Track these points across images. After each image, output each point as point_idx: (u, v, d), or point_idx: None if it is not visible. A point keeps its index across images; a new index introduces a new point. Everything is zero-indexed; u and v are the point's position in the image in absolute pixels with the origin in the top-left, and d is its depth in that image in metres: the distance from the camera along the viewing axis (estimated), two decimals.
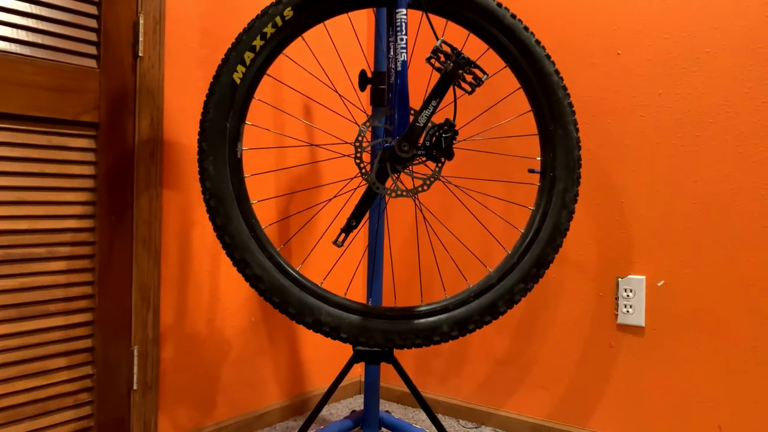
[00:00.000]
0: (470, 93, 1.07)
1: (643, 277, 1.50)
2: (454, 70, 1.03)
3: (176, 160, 1.44)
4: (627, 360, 1.52)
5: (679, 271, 1.45)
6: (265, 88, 1.61)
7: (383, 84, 1.43)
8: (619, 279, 1.53)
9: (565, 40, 1.61)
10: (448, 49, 1.02)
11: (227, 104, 1.09)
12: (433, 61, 1.06)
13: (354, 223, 1.15)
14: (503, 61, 1.22)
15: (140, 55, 1.35)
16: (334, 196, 1.14)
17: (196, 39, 1.47)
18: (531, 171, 1.22)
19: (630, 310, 1.51)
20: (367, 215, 1.38)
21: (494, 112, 1.63)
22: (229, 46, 1.10)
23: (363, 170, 1.11)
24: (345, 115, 1.67)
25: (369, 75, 1.45)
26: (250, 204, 1.11)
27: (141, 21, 1.35)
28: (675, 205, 1.46)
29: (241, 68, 1.09)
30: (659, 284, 1.48)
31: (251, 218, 1.10)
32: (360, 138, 1.12)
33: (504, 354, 1.72)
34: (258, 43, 1.10)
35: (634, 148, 1.52)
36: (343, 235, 1.13)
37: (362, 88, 1.44)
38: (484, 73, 1.02)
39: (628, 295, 1.51)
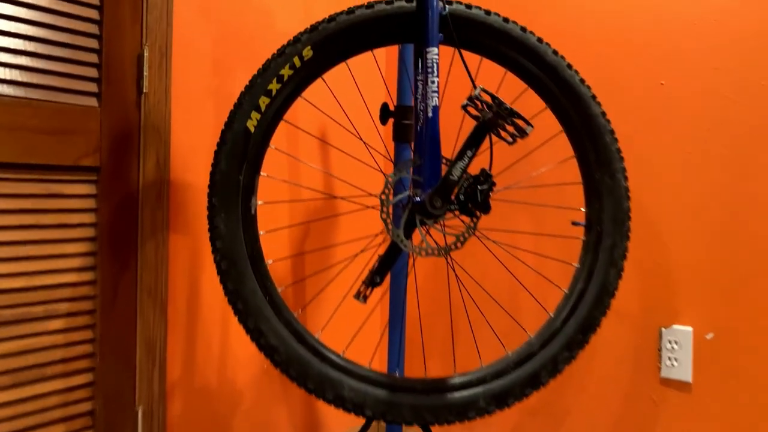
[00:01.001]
0: (511, 144, 0.97)
1: (690, 329, 1.38)
2: (493, 120, 0.92)
3: (184, 201, 1.35)
4: (671, 417, 1.41)
5: (732, 323, 1.33)
6: (278, 132, 1.51)
7: (407, 119, 1.33)
8: (663, 329, 1.42)
9: (601, 66, 1.50)
10: (487, 98, 0.91)
11: (240, 154, 0.99)
12: (469, 108, 0.95)
13: (378, 280, 1.05)
14: (544, 101, 1.11)
15: (145, 90, 1.26)
16: (356, 255, 1.04)
17: (206, 69, 1.37)
18: (575, 224, 1.11)
19: (675, 363, 1.39)
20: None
21: (532, 158, 1.51)
22: (242, 89, 1.00)
23: (389, 225, 1.01)
24: (368, 162, 1.57)
25: (391, 108, 1.35)
26: (266, 264, 1.01)
27: (146, 54, 1.25)
28: (726, 249, 1.34)
29: (255, 115, 0.99)
30: (708, 337, 1.36)
31: (266, 281, 1.00)
32: (386, 191, 1.01)
33: (535, 403, 1.61)
34: (274, 86, 1.00)
35: (679, 186, 1.41)
36: (369, 289, 1.03)
37: (383, 121, 1.34)
38: (528, 124, 0.92)
39: (672, 347, 1.40)
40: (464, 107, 0.95)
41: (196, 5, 1.35)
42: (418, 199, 1.00)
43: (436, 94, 1.01)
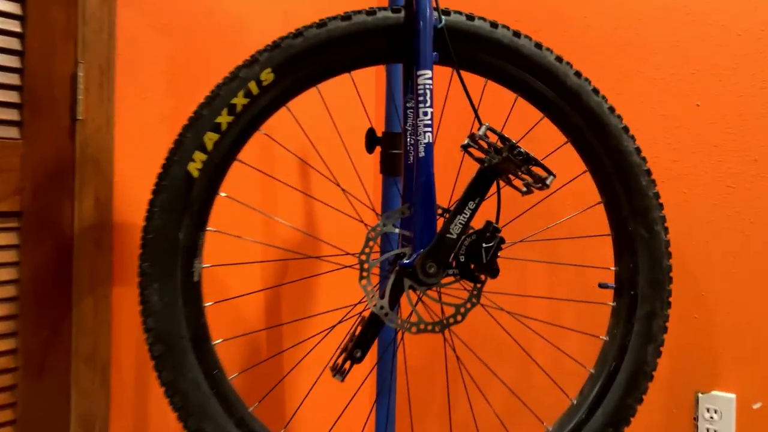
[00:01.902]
0: (524, 194, 0.76)
1: (733, 396, 1.18)
2: (501, 167, 0.72)
3: (131, 247, 1.14)
4: None
5: None
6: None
7: (396, 148, 1.12)
8: (700, 395, 1.21)
9: (623, 82, 1.29)
10: (495, 139, 0.71)
11: (180, 206, 0.78)
12: (472, 150, 0.75)
13: (358, 355, 0.85)
14: (563, 133, 0.90)
15: (80, 117, 1.05)
16: (328, 331, 0.84)
17: (159, 90, 1.17)
18: (602, 286, 0.90)
19: None
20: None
21: (549, 204, 1.30)
22: (185, 123, 0.79)
23: (369, 293, 0.81)
24: (348, 210, 1.35)
25: (379, 134, 1.15)
26: (212, 346, 0.80)
27: (81, 73, 1.05)
28: None
29: (199, 155, 0.79)
30: (755, 407, 1.15)
31: (213, 368, 0.79)
32: (367, 250, 0.81)
33: None
34: (224, 119, 0.79)
35: (719, 227, 1.20)
36: (348, 363, 0.83)
37: (370, 149, 1.14)
38: (549, 173, 0.71)
39: (711, 417, 1.19)
40: (465, 148, 0.74)
41: (147, 13, 1.14)
42: (406, 261, 0.79)
43: (429, 129, 0.80)
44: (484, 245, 0.79)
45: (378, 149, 1.16)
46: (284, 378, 1.12)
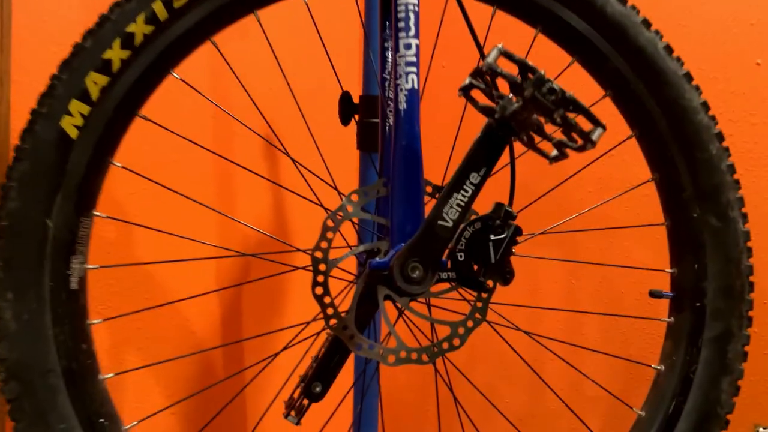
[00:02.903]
0: (555, 160, 0.53)
1: None
2: (521, 118, 0.48)
3: None
4: None
5: None
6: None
7: (375, 115, 0.89)
8: (761, 429, 0.98)
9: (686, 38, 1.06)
10: (512, 71, 0.47)
11: (49, 180, 0.54)
12: (475, 93, 0.51)
13: (318, 389, 0.62)
14: (600, 83, 0.67)
15: None
16: (272, 358, 0.61)
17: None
18: (655, 295, 0.67)
19: None
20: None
21: (578, 181, 1.07)
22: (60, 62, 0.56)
23: (330, 308, 0.57)
24: (308, 198, 1.09)
25: (356, 100, 0.92)
26: (101, 382, 0.56)
27: None
28: None
29: (80, 107, 0.55)
30: None
31: (99, 415, 0.55)
32: (325, 245, 0.57)
33: None
34: (117, 55, 0.56)
35: None
36: (306, 402, 0.61)
37: (345, 120, 0.91)
38: (597, 123, 0.47)
39: None
40: (466, 91, 0.51)
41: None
42: (378, 260, 0.56)
43: (413, 70, 0.57)
44: (492, 238, 0.56)
45: (356, 121, 0.93)
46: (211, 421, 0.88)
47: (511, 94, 0.51)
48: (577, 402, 1.14)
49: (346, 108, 0.91)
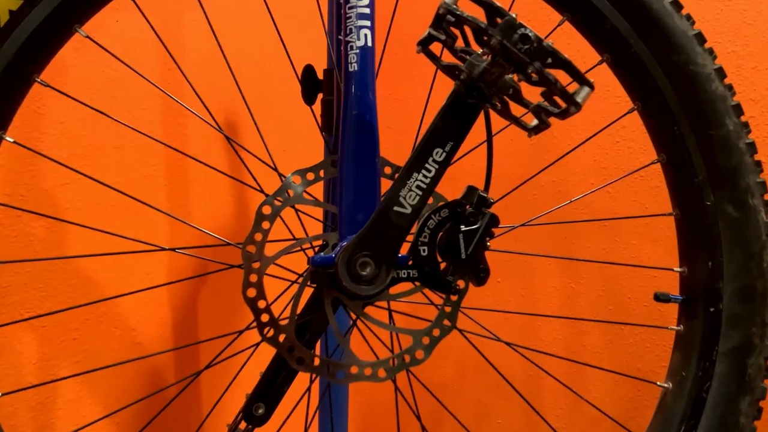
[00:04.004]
0: (535, 131, 0.45)
1: None
2: (492, 78, 0.41)
3: None
4: None
5: None
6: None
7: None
8: None
9: None
10: (483, 20, 0.40)
11: None
12: (435, 48, 0.44)
13: (261, 412, 0.55)
14: (595, 46, 0.60)
15: None
16: (192, 378, 0.53)
17: None
18: (661, 298, 0.60)
19: None
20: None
21: (568, 163, 0.99)
22: None
23: (265, 314, 0.50)
24: (249, 183, 1.02)
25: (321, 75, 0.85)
26: None
27: None
28: None
29: None
30: None
31: None
32: (259, 237, 0.50)
33: None
34: (2, 4, 0.48)
35: None
36: (243, 426, 0.55)
37: (309, 99, 0.84)
38: (582, 81, 0.40)
39: None
40: (423, 44, 0.44)
41: None
42: (322, 255, 0.49)
43: (366, 24, 0.50)
44: (462, 228, 0.49)
45: (320, 99, 0.85)
46: None
47: (481, 50, 0.44)
48: (578, 424, 1.06)
49: (310, 84, 0.84)
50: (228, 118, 1.10)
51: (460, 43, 0.46)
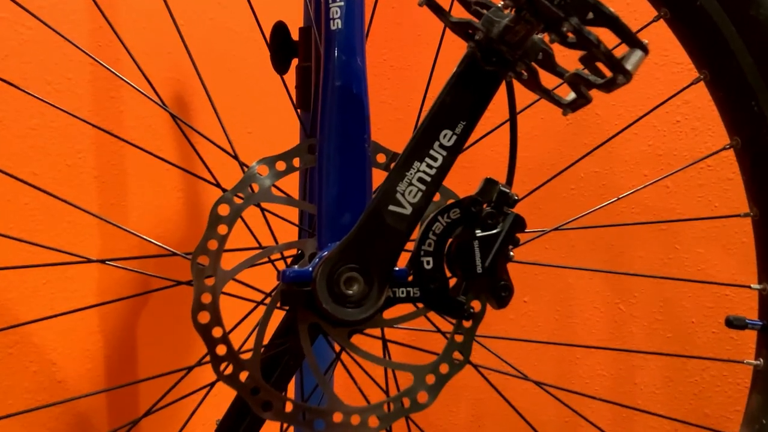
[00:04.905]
0: (571, 108, 0.45)
1: None
2: (517, 37, 0.42)
3: None
4: None
5: None
6: None
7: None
8: None
9: None
10: None
11: None
12: (446, 4, 0.45)
13: None
14: (652, 2, 0.61)
15: None
16: (145, 414, 0.53)
17: None
18: (735, 324, 0.60)
19: None
20: None
21: (613, 148, 1.00)
22: None
23: (222, 344, 0.50)
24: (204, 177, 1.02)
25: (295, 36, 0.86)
26: None
27: None
28: None
29: None
30: None
31: None
32: (215, 245, 0.50)
33: None
34: None
35: None
36: None
37: (280, 67, 0.86)
38: (634, 43, 0.40)
39: None
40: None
41: None
42: (296, 269, 0.49)
43: None
44: (479, 233, 0.50)
45: (295, 66, 0.86)
46: None
47: (502, 3, 0.44)
48: None
49: (282, 47, 0.85)
50: (176, 92, 1.11)
51: None
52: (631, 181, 1.08)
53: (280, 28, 0.83)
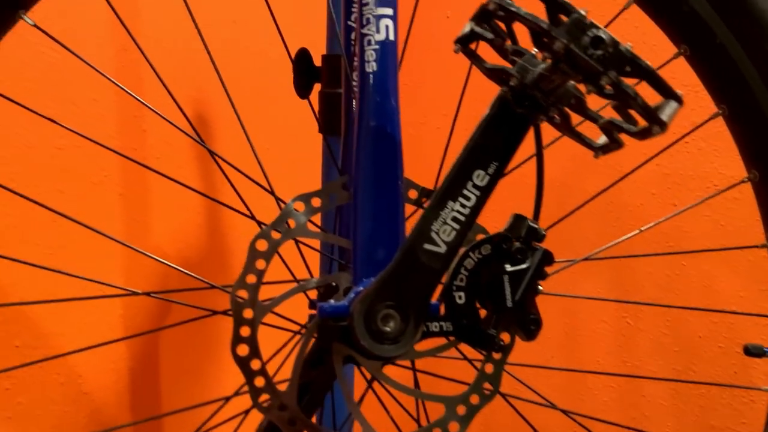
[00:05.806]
0: (603, 152, 0.46)
1: None
2: (551, 85, 0.42)
3: None
4: None
5: None
6: None
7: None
8: None
9: None
10: (541, 12, 0.40)
11: None
12: (474, 47, 0.45)
13: None
14: (670, 36, 0.60)
15: None
16: None
17: None
18: (753, 352, 0.60)
19: None
20: None
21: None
22: None
23: (260, 377, 0.50)
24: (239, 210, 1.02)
25: (318, 62, 0.86)
26: None
27: None
28: None
29: None
30: None
31: None
32: (253, 280, 0.50)
33: None
34: None
35: None
36: None
37: (303, 91, 0.86)
38: (668, 94, 0.40)
39: None
40: (463, 42, 0.44)
41: None
42: (333, 304, 0.49)
43: (388, 12, 0.50)
44: (508, 268, 0.49)
45: (318, 92, 0.86)
46: None
47: (535, 50, 0.44)
48: None
49: (305, 73, 0.85)
50: (199, 113, 1.10)
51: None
52: (638, 199, 1.08)
53: (303, 54, 0.84)
